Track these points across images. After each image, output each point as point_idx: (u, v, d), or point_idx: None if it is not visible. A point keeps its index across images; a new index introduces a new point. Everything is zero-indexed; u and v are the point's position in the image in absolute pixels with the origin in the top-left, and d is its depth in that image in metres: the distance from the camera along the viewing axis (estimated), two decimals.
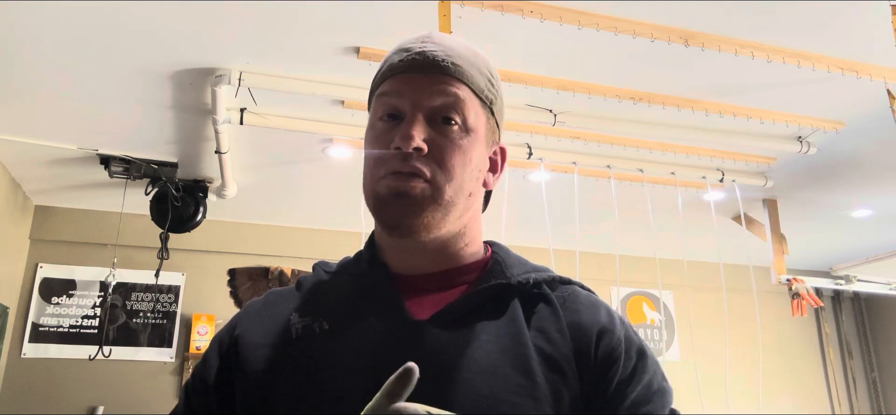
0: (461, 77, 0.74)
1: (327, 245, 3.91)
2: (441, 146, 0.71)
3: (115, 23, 1.94)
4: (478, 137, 0.75)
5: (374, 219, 0.75)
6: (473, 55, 0.77)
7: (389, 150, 0.71)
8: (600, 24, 1.89)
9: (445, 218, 0.73)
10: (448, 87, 0.72)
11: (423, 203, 0.71)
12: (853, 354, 4.98)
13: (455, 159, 0.72)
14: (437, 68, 0.73)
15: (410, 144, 0.69)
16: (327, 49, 2.09)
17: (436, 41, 0.75)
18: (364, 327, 0.71)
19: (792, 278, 3.29)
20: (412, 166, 0.70)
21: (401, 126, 0.72)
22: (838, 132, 2.63)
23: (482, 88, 0.76)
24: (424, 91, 0.72)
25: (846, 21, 1.94)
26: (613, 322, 0.74)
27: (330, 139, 2.74)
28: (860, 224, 3.87)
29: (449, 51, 0.74)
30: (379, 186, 0.72)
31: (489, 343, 0.69)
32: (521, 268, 0.78)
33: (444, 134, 0.72)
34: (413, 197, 0.70)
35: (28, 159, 3.00)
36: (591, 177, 3.01)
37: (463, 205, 0.74)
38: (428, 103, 0.72)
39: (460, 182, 0.73)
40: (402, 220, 0.71)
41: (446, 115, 0.72)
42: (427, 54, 0.73)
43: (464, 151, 0.73)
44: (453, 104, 0.72)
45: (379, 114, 0.75)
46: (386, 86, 0.74)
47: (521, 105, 2.41)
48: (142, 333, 3.63)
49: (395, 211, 0.71)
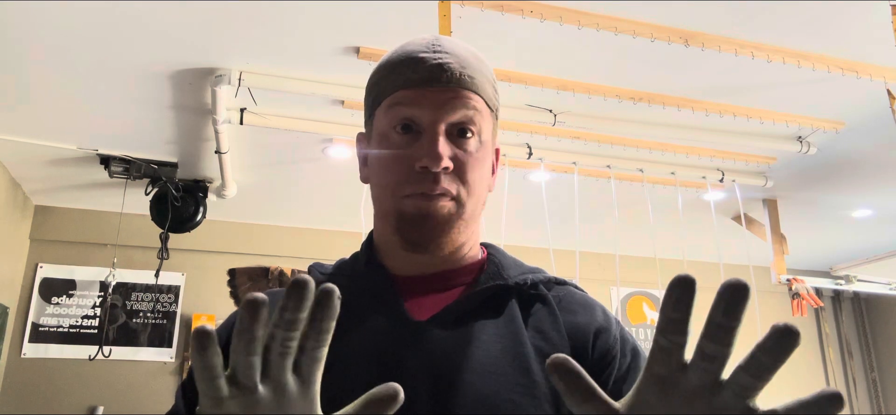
0: (476, 89, 0.74)
1: (327, 245, 3.92)
2: (463, 162, 0.72)
3: (116, 23, 1.94)
4: (489, 146, 0.76)
5: (390, 232, 0.75)
6: (480, 63, 0.77)
7: (414, 167, 0.70)
8: (600, 24, 1.89)
9: (465, 230, 0.75)
10: (466, 101, 0.72)
11: (449, 222, 0.72)
12: (853, 354, 4.98)
13: (475, 173, 0.73)
14: (455, 82, 0.72)
15: (440, 164, 0.69)
16: (327, 49, 2.09)
17: (448, 50, 0.74)
18: (364, 328, 0.71)
19: (792, 278, 3.29)
20: (441, 187, 0.70)
21: (422, 142, 0.71)
22: (838, 132, 2.63)
23: (491, 97, 0.76)
24: (445, 105, 0.71)
25: (846, 21, 1.94)
26: (609, 322, 0.76)
27: (330, 139, 2.74)
28: (860, 224, 3.87)
29: (463, 62, 0.74)
30: (404, 205, 0.72)
31: (489, 343, 0.70)
32: (517, 269, 0.79)
33: (463, 148, 0.72)
34: (441, 217, 0.71)
35: (28, 159, 3.00)
36: (591, 177, 3.01)
37: (478, 214, 0.76)
38: (448, 118, 0.71)
39: (479, 195, 0.75)
40: (429, 240, 0.72)
41: (464, 128, 0.73)
42: (444, 67, 0.72)
43: (481, 164, 0.74)
44: (471, 118, 0.73)
45: (393, 124, 0.73)
46: (399, 96, 0.73)
47: (521, 105, 2.41)
48: (142, 333, 3.63)
49: (422, 232, 0.71)
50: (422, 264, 0.76)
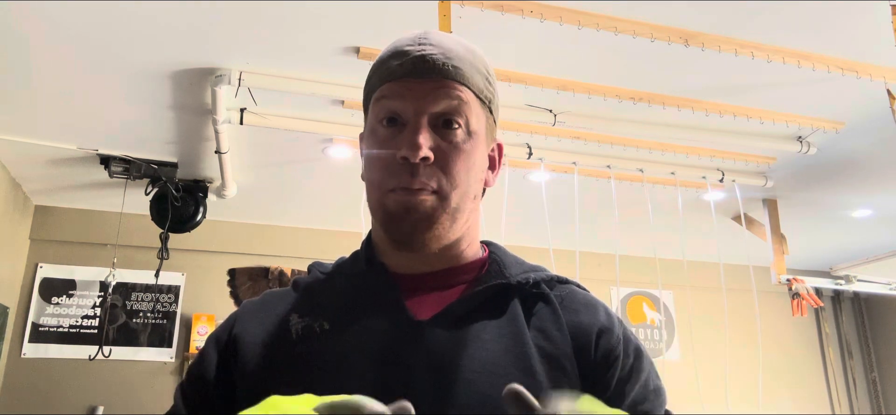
0: (462, 79, 0.72)
1: (327, 245, 3.92)
2: (446, 153, 0.71)
3: (115, 23, 1.94)
4: (479, 138, 0.74)
5: (381, 230, 0.75)
6: (471, 54, 0.76)
7: (396, 158, 0.69)
8: (600, 24, 1.89)
9: (453, 226, 0.73)
10: (450, 91, 0.71)
11: (432, 216, 0.70)
12: (853, 354, 4.98)
13: (460, 165, 0.71)
14: (438, 72, 0.71)
15: (418, 154, 0.68)
16: (327, 49, 2.09)
17: (433, 42, 0.74)
18: (365, 327, 0.71)
19: (792, 278, 3.29)
20: (421, 181, 0.69)
21: (405, 133, 0.70)
22: (838, 132, 2.63)
23: (481, 88, 0.75)
24: (427, 96, 0.70)
25: (846, 21, 1.94)
26: (612, 322, 0.75)
27: (330, 139, 2.74)
28: (860, 224, 3.87)
29: (448, 52, 0.73)
30: (387, 200, 0.71)
31: (491, 343, 0.69)
32: (519, 268, 0.78)
33: (447, 139, 0.71)
34: (423, 211, 0.70)
35: (28, 159, 3.00)
36: (591, 177, 3.01)
37: (469, 209, 0.74)
38: (430, 109, 0.70)
39: (465, 188, 0.72)
40: (412, 236, 0.71)
41: (449, 119, 0.71)
42: (427, 58, 0.71)
43: (468, 156, 0.72)
44: (456, 108, 0.71)
45: (379, 117, 0.73)
46: (385, 89, 0.73)
47: (521, 105, 2.41)
48: (142, 333, 3.63)
49: (405, 227, 0.70)
50: (420, 263, 0.75)
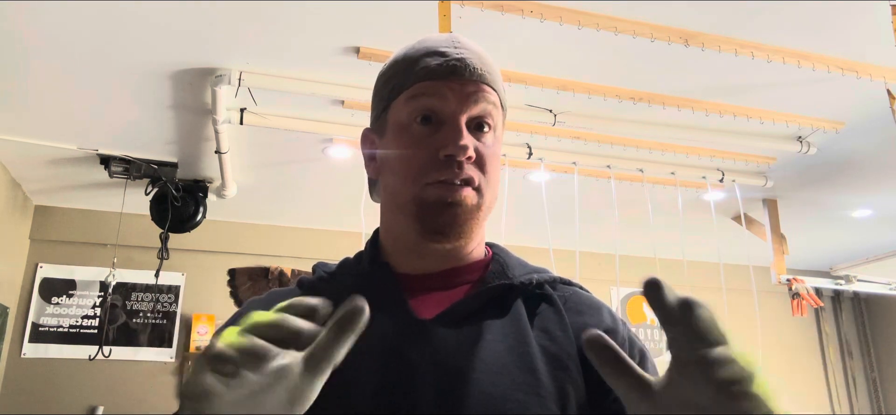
0: (493, 86, 0.76)
1: (327, 245, 3.91)
2: (483, 154, 0.74)
3: (115, 23, 1.94)
4: (500, 142, 0.79)
5: (408, 222, 0.75)
6: (492, 60, 0.79)
7: (438, 156, 0.71)
8: (600, 24, 1.89)
9: (482, 223, 0.76)
10: (486, 95, 0.74)
11: (471, 211, 0.73)
12: (853, 354, 4.98)
13: (493, 165, 0.75)
14: (477, 76, 0.74)
15: (466, 153, 0.71)
16: (327, 49, 2.09)
17: (467, 46, 0.77)
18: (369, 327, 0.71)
19: (792, 278, 3.29)
20: (466, 175, 0.72)
21: (446, 132, 0.72)
22: (838, 132, 2.63)
23: (503, 96, 0.79)
24: (468, 98, 0.73)
25: (846, 21, 1.94)
26: (616, 323, 0.76)
27: (330, 139, 2.74)
28: (860, 224, 3.87)
29: (481, 57, 0.76)
30: (426, 193, 0.72)
31: (495, 342, 0.70)
32: (522, 268, 0.79)
33: (481, 141, 0.74)
34: (465, 206, 0.72)
35: (28, 159, 3.00)
36: (591, 177, 3.01)
37: (492, 208, 0.77)
38: (470, 111, 0.73)
39: (495, 188, 0.76)
40: (451, 228, 0.72)
41: (481, 122, 0.74)
42: (466, 61, 0.74)
43: (497, 157, 0.77)
44: (490, 112, 0.75)
45: (414, 115, 0.74)
46: (422, 87, 0.74)
47: (521, 105, 2.41)
48: (142, 333, 3.63)
49: (444, 219, 0.72)
50: (428, 262, 0.76)
